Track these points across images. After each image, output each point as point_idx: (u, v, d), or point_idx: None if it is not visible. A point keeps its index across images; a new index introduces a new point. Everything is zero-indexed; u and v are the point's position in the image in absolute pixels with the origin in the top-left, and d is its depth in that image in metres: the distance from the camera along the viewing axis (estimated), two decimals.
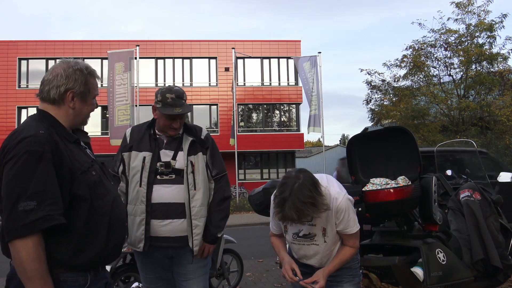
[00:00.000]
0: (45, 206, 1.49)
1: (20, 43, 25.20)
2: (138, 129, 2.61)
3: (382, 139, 3.44)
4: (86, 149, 1.84)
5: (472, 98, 20.34)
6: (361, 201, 3.04)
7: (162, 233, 2.43)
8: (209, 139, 2.62)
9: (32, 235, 1.47)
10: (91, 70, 1.82)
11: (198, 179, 2.48)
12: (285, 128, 27.08)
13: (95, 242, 1.66)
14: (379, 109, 22.22)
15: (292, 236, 2.25)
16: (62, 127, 1.71)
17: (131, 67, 13.70)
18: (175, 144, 2.53)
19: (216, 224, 2.53)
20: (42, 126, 1.63)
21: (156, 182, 2.44)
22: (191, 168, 2.47)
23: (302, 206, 1.94)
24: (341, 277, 2.28)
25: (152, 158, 2.46)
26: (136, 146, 2.52)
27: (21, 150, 1.52)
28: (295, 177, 2.01)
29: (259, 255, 7.02)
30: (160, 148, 2.51)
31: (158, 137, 2.55)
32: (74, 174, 1.62)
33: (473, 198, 3.67)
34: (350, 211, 2.15)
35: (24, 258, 1.47)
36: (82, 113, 1.79)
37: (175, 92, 2.48)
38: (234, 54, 18.65)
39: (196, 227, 2.45)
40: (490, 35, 19.12)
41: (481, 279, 3.44)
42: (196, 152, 2.52)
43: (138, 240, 2.44)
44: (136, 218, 2.44)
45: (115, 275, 3.91)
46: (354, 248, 2.24)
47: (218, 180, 2.58)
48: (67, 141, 1.69)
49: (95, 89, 1.83)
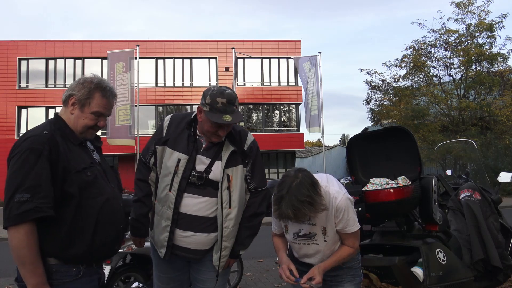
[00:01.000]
0: (37, 199, 1.64)
1: (20, 43, 25.20)
2: (178, 122, 2.35)
3: (382, 139, 3.44)
4: (93, 152, 1.98)
5: (472, 98, 20.34)
6: (361, 201, 3.04)
7: (183, 244, 2.28)
8: (252, 151, 2.35)
9: (24, 224, 1.63)
10: (101, 85, 1.88)
11: (235, 196, 2.26)
12: (285, 128, 27.09)
13: (82, 238, 1.78)
14: (379, 109, 22.24)
15: (293, 236, 2.26)
16: (69, 130, 1.87)
17: (131, 67, 13.69)
18: (214, 151, 2.29)
19: (241, 241, 2.34)
20: (49, 128, 1.80)
21: (187, 190, 2.24)
22: (227, 183, 2.24)
23: (299, 204, 1.95)
24: (341, 277, 2.28)
25: (187, 163, 2.24)
26: (172, 143, 2.29)
27: (24, 147, 1.70)
28: (294, 176, 2.03)
29: (259, 255, 7.02)
30: (198, 152, 2.27)
31: (198, 137, 2.32)
32: (68, 173, 1.75)
33: (473, 198, 3.67)
34: (349, 210, 2.15)
35: (16, 245, 1.64)
36: (79, 123, 1.87)
37: (227, 97, 2.19)
38: (234, 54, 18.66)
39: (226, 249, 2.29)
40: (490, 35, 19.13)
41: (481, 279, 3.44)
42: (235, 164, 2.28)
43: (161, 245, 2.31)
44: (162, 222, 2.29)
45: (115, 275, 3.91)
46: (353, 248, 2.22)
47: (255, 195, 2.35)
48: (71, 143, 1.83)
49: (99, 106, 1.88)
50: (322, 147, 21.26)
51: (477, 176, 12.48)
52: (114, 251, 1.98)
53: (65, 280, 1.76)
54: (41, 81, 25.22)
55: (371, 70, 21.76)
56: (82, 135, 1.90)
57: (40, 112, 24.47)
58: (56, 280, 1.75)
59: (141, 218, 2.38)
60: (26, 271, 1.65)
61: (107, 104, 1.91)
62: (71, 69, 25.32)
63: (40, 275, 1.67)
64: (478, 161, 15.41)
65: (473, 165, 17.62)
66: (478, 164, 16.02)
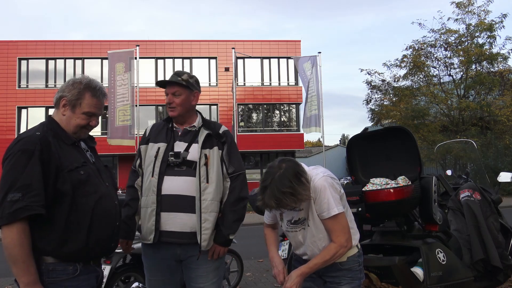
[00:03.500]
0: (28, 198, 1.68)
1: (20, 43, 25.19)
2: (158, 125, 2.61)
3: (382, 139, 3.44)
4: (87, 152, 2.01)
5: (472, 98, 20.34)
6: (361, 201, 3.04)
7: (170, 227, 2.36)
8: (227, 135, 2.54)
9: (16, 223, 1.66)
10: (90, 85, 1.92)
11: (212, 173, 2.40)
12: (285, 128, 27.08)
13: (77, 236, 1.80)
14: (379, 109, 22.24)
15: (287, 224, 2.27)
16: (61, 130, 1.90)
17: (131, 67, 13.69)
18: (190, 136, 2.49)
19: (228, 225, 2.42)
20: (41, 129, 1.85)
21: (167, 173, 2.39)
22: (204, 160, 2.39)
23: (280, 195, 1.98)
24: (339, 278, 2.23)
25: (166, 149, 2.43)
26: (154, 138, 2.52)
27: (16, 149, 1.75)
28: (277, 166, 2.05)
29: (259, 255, 7.02)
30: (175, 140, 2.48)
31: (175, 129, 2.53)
32: (61, 171, 1.79)
33: (473, 198, 3.67)
34: (326, 191, 2.08)
35: (8, 244, 1.67)
36: (71, 123, 1.91)
37: (175, 72, 2.57)
38: (234, 54, 18.64)
39: (206, 221, 2.35)
40: (490, 35, 19.13)
41: (481, 279, 3.44)
42: (211, 146, 2.45)
43: (149, 231, 2.37)
44: (148, 209, 2.39)
45: (115, 275, 3.90)
46: (336, 244, 2.10)
47: (234, 179, 2.48)
48: (64, 143, 1.87)
49: (89, 106, 1.92)
50: (322, 147, 21.26)
51: (477, 176, 12.49)
52: (110, 248, 1.99)
53: (62, 278, 1.78)
54: (41, 81, 25.21)
55: (371, 70, 21.78)
56: (75, 135, 1.93)
57: (40, 112, 24.45)
58: (53, 279, 1.76)
59: (127, 220, 2.50)
60: (19, 269, 1.68)
61: (97, 103, 1.94)
62: (71, 69, 25.31)
63: (32, 273, 1.69)
64: (478, 161, 15.41)
65: (473, 165, 17.62)
66: (478, 164, 16.02)
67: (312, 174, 2.14)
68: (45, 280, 1.75)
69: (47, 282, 1.75)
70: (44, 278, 1.75)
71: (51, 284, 1.76)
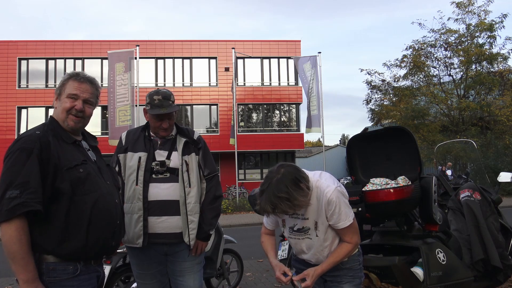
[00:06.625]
0: (25, 195, 1.71)
1: (20, 43, 25.20)
2: (133, 132, 2.73)
3: (382, 139, 3.44)
4: (89, 150, 2.03)
5: (472, 98, 20.35)
6: (361, 201, 3.04)
7: (158, 230, 2.52)
8: (201, 140, 2.73)
9: (15, 219, 1.69)
10: (73, 74, 1.98)
11: (192, 177, 2.60)
12: (285, 128, 27.08)
13: (76, 234, 1.81)
14: (379, 109, 22.27)
15: (289, 231, 2.28)
16: (62, 130, 1.94)
17: (131, 67, 13.69)
18: (169, 145, 2.64)
19: (208, 222, 2.63)
20: (42, 129, 1.89)
21: (152, 181, 2.55)
22: (185, 166, 2.58)
23: (276, 200, 1.98)
24: (341, 277, 2.26)
25: (147, 158, 2.57)
26: (132, 147, 2.63)
27: (16, 148, 1.80)
28: (276, 171, 2.06)
29: (259, 255, 7.02)
30: (155, 149, 2.62)
31: (152, 138, 2.66)
32: (59, 170, 1.81)
33: (473, 198, 3.67)
34: (341, 203, 2.12)
35: (7, 240, 1.69)
36: (60, 111, 1.95)
37: (162, 94, 2.61)
38: (234, 54, 18.65)
39: (192, 223, 2.56)
40: (490, 35, 19.15)
41: (481, 279, 3.44)
42: (189, 152, 2.63)
43: (137, 236, 2.52)
44: (134, 216, 2.52)
45: (115, 275, 3.90)
46: (351, 244, 2.19)
47: (210, 180, 2.68)
48: (64, 142, 1.90)
49: (71, 89, 1.96)
50: (322, 147, 21.26)
51: (477, 176, 12.50)
52: (111, 247, 1.98)
53: (62, 277, 1.78)
54: (41, 81, 25.21)
55: (371, 70, 21.83)
56: (67, 125, 1.93)
57: (40, 112, 24.46)
58: (54, 278, 1.77)
59: None
60: (17, 266, 1.69)
61: (79, 86, 1.95)
62: (71, 69, 25.27)
63: (31, 270, 1.70)
64: (478, 161, 15.43)
65: (473, 165, 17.64)
66: (478, 164, 16.04)
67: (322, 186, 2.13)
68: (45, 280, 1.75)
69: (47, 281, 1.75)
70: (45, 278, 1.75)
71: (52, 283, 1.76)
